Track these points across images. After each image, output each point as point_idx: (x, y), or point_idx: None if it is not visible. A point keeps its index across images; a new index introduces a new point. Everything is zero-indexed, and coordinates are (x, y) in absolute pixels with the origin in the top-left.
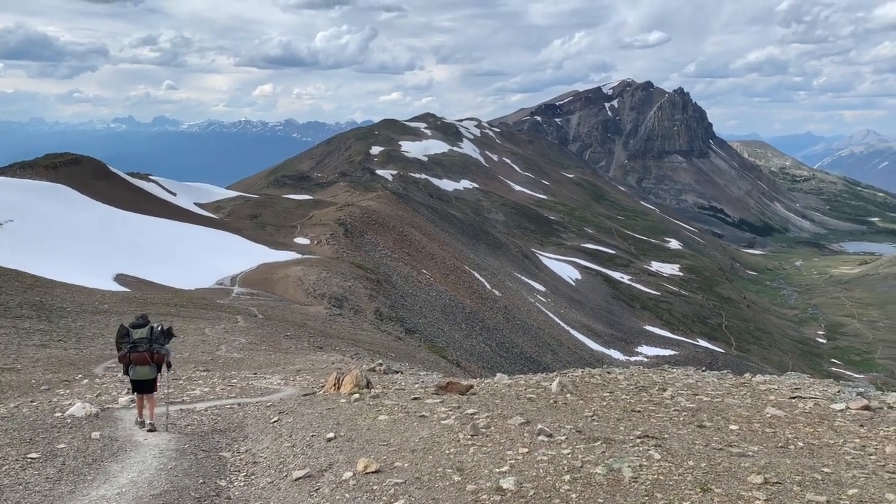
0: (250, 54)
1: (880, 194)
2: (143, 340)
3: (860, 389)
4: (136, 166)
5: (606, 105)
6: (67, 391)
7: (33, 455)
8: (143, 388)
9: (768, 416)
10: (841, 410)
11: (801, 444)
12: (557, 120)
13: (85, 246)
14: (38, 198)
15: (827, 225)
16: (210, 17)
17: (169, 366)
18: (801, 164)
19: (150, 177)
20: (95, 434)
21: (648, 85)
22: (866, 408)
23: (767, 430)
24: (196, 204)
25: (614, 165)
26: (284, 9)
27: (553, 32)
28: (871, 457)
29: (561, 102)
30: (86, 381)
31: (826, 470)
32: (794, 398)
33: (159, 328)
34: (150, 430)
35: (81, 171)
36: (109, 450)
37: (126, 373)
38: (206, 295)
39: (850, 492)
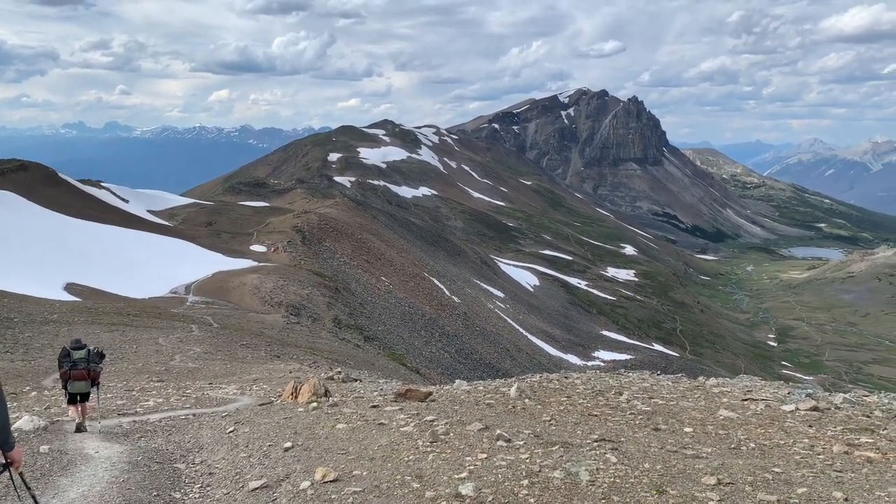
0: (206, 59)
1: (827, 201)
2: (82, 360)
3: (809, 391)
4: (87, 173)
5: (563, 113)
6: (15, 404)
7: None
8: (80, 398)
9: (721, 418)
10: (791, 412)
11: (752, 444)
12: (515, 128)
13: (33, 254)
14: None
15: (777, 231)
16: (164, 21)
17: (98, 385)
18: (752, 172)
19: (102, 184)
20: (44, 448)
21: (604, 93)
22: (815, 409)
23: (720, 432)
24: (149, 211)
25: (571, 173)
26: (241, 14)
27: (511, 41)
28: (820, 456)
29: (518, 110)
30: (34, 393)
31: (777, 470)
32: (746, 400)
33: (95, 350)
34: (79, 431)
35: (29, 177)
36: (59, 463)
37: (65, 386)
38: (159, 304)
39: (800, 490)
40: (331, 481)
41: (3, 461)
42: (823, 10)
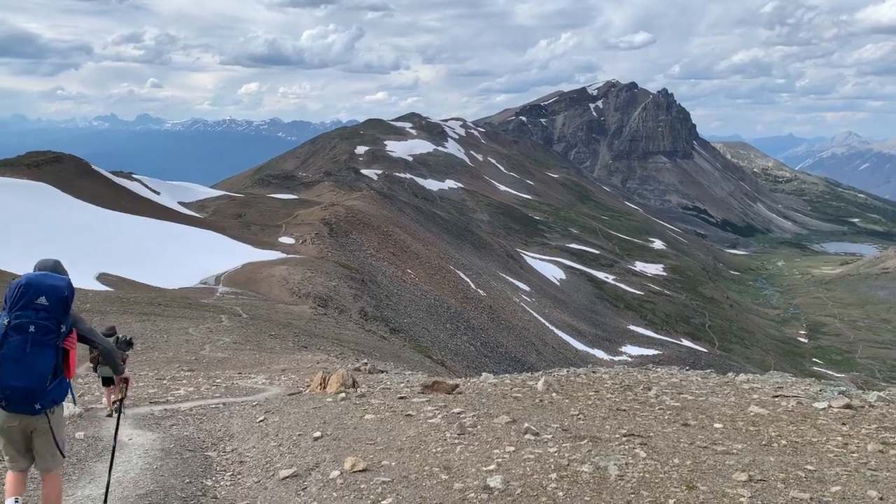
0: (235, 52)
1: (861, 195)
2: None
3: (842, 388)
4: (119, 165)
5: (591, 106)
6: None
7: None
8: (109, 382)
9: (752, 414)
10: (823, 409)
11: (784, 442)
12: (542, 120)
13: (67, 245)
14: (19, 196)
15: (808, 226)
16: (195, 14)
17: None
18: (784, 166)
19: (134, 175)
20: (79, 434)
21: (633, 86)
22: (848, 406)
23: (751, 429)
24: (180, 203)
25: (599, 166)
26: (269, 7)
27: (539, 33)
28: (854, 454)
29: (546, 103)
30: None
31: (809, 467)
32: (777, 397)
33: (123, 337)
34: (110, 416)
35: (64, 169)
36: (94, 450)
37: (95, 370)
38: (190, 294)
39: (833, 489)
40: (360, 471)
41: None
42: (860, 0)
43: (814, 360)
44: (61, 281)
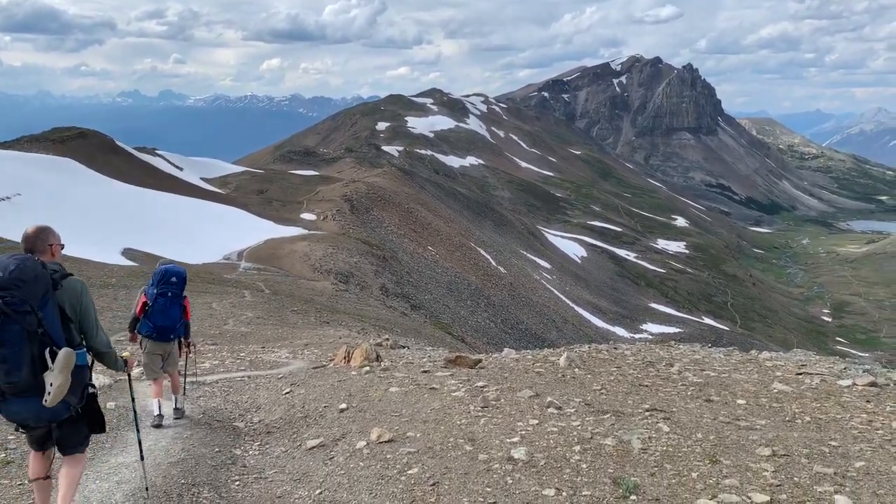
0: (258, 28)
1: (889, 172)
2: None
3: (867, 366)
4: (142, 140)
5: (615, 81)
6: None
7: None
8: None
9: (775, 391)
10: (848, 386)
11: (808, 418)
12: (565, 96)
13: (92, 220)
14: (44, 171)
15: (835, 203)
16: None
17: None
18: (810, 142)
19: (157, 151)
20: (111, 404)
21: (657, 61)
22: (873, 384)
23: (774, 405)
24: (202, 179)
25: (622, 142)
26: None
27: (564, 6)
28: (878, 431)
29: (569, 78)
30: None
31: (833, 443)
32: (800, 374)
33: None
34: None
35: (88, 145)
36: (125, 419)
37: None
38: (213, 269)
39: (858, 464)
40: (386, 441)
41: (186, 347)
42: None
43: (837, 339)
44: (181, 269)
